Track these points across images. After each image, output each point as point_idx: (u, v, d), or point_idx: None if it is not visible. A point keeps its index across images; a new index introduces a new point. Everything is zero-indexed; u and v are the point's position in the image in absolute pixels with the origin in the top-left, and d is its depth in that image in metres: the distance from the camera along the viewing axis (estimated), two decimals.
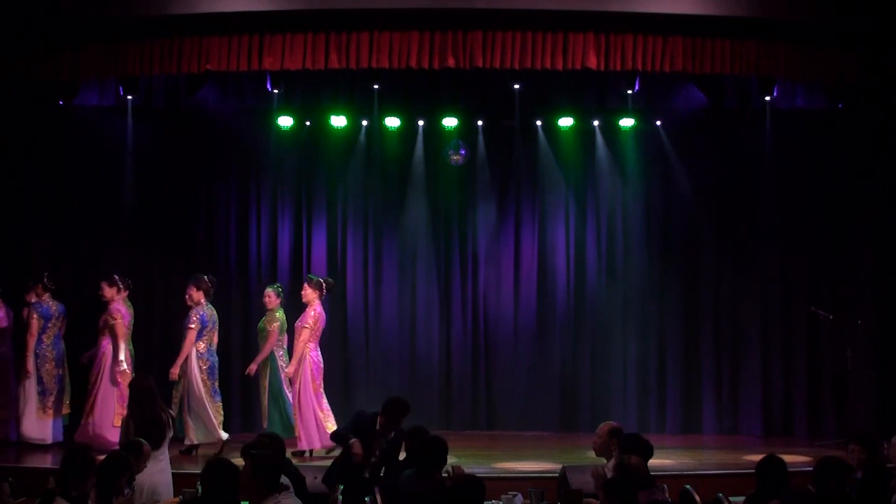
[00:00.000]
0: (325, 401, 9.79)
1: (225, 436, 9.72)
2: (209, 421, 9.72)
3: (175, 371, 9.70)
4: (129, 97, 10.89)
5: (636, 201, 11.96)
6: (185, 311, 10.06)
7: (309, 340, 9.65)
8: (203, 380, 9.77)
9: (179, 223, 11.76)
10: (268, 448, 6.18)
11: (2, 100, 10.38)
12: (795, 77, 9.93)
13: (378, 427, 7.47)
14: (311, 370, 9.67)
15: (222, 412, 9.92)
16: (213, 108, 11.62)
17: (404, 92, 11.47)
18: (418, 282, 12.04)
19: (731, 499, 5.91)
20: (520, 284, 12.06)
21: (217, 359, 10.03)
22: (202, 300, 9.89)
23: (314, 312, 9.74)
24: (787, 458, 5.71)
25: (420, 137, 11.99)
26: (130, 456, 5.99)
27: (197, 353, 9.79)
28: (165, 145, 11.71)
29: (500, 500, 6.31)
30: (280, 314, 10.18)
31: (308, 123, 11.89)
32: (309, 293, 9.82)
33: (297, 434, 9.67)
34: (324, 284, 9.90)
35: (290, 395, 9.92)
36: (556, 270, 12.02)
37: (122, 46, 9.39)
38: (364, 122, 11.91)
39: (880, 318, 11.18)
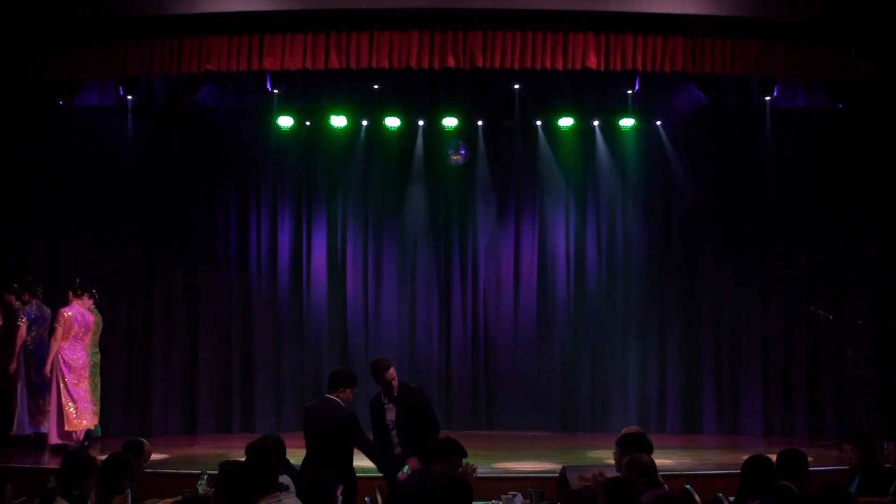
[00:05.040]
0: (67, 397, 9.93)
1: (19, 431, 10.02)
2: (20, 413, 10.09)
3: (12, 366, 10.07)
4: (129, 97, 10.88)
5: (636, 201, 11.98)
6: (180, 310, 10.02)
7: (61, 339, 9.96)
8: (27, 374, 10.15)
9: (179, 223, 11.75)
10: (264, 449, 6.16)
11: (2, 100, 10.37)
12: (795, 77, 9.92)
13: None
14: (60, 367, 9.94)
15: (45, 405, 10.13)
16: (213, 108, 11.62)
17: (404, 92, 11.48)
18: (418, 281, 12.05)
19: (731, 499, 5.91)
20: (520, 284, 12.07)
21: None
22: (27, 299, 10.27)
23: (66, 313, 10.03)
24: None
25: (420, 137, 12.01)
26: (131, 456, 5.98)
27: (25, 349, 10.13)
28: (165, 145, 11.71)
29: (500, 500, 6.32)
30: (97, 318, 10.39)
31: (308, 123, 11.90)
32: (70, 295, 10.21)
33: (48, 426, 9.99)
34: (77, 286, 10.21)
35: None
36: (556, 270, 12.03)
37: (122, 46, 9.37)
38: (364, 122, 11.92)
39: (880, 318, 11.19)
